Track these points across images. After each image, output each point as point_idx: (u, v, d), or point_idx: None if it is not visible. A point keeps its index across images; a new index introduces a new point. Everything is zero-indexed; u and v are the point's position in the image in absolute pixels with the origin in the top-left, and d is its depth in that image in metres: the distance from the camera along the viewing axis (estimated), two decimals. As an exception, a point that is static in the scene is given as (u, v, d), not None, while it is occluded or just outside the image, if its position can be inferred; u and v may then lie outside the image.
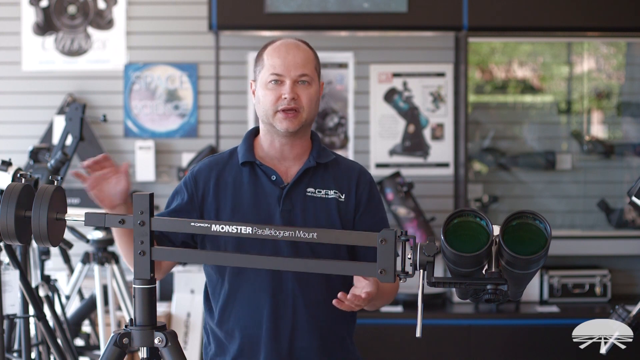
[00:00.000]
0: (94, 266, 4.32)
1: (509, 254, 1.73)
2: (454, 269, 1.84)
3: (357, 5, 4.88)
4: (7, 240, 1.90)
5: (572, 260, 5.22)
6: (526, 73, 5.70)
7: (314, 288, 2.34)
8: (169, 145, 5.26)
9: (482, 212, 1.80)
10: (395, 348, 4.65)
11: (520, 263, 1.75)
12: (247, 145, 2.41)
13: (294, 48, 2.33)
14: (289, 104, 2.29)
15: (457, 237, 1.78)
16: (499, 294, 1.80)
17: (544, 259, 1.77)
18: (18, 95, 5.28)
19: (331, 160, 2.41)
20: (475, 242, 1.77)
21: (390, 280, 1.84)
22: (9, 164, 3.20)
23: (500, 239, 1.74)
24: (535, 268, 1.80)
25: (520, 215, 1.77)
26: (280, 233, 1.88)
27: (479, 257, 1.77)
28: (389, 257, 1.83)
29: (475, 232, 1.78)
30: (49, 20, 5.27)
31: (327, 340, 2.37)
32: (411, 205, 4.96)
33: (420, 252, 1.80)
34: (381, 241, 1.83)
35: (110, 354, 1.91)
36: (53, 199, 1.87)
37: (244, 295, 2.34)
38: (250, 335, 2.34)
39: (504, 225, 1.76)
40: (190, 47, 5.25)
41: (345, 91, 5.26)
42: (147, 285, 1.89)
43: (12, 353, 3.41)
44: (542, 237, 1.76)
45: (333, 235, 1.95)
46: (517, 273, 1.79)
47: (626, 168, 5.60)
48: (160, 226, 1.93)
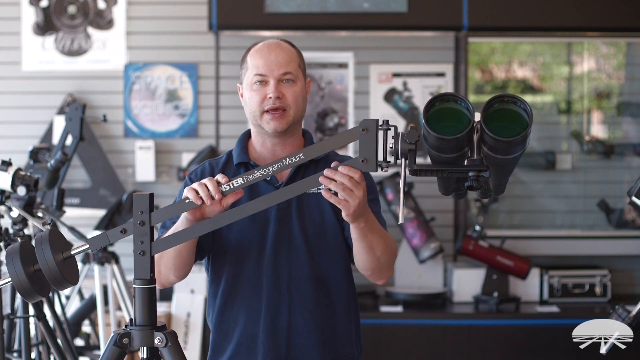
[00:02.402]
0: (94, 266, 4.32)
1: (490, 138, 1.72)
2: (436, 156, 1.83)
3: (357, 5, 4.88)
4: (29, 300, 1.91)
5: (572, 260, 5.22)
6: (526, 73, 5.70)
7: (308, 283, 2.35)
8: (169, 145, 5.26)
9: (463, 96, 1.78)
10: (395, 348, 4.65)
11: (502, 146, 1.74)
12: (241, 147, 2.43)
13: (276, 48, 2.34)
14: (274, 103, 2.30)
15: (439, 121, 1.76)
16: (481, 181, 1.79)
17: (525, 143, 1.75)
18: (18, 95, 5.28)
19: (323, 157, 2.41)
20: (457, 126, 1.75)
21: (372, 169, 1.83)
22: (9, 164, 3.20)
23: (482, 123, 1.73)
24: (517, 153, 1.78)
25: (501, 99, 1.75)
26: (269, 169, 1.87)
27: (460, 141, 1.76)
28: (371, 146, 1.83)
29: (457, 115, 1.76)
30: (49, 20, 5.27)
31: (326, 335, 2.37)
32: (411, 205, 4.96)
33: (402, 141, 1.80)
34: (362, 130, 1.82)
35: (110, 354, 1.91)
36: (52, 242, 1.87)
37: (240, 296, 2.36)
38: (248, 335, 2.35)
39: (485, 109, 1.74)
40: (190, 47, 5.25)
41: (345, 91, 5.26)
42: (147, 285, 1.89)
43: (12, 353, 3.41)
44: (523, 120, 1.75)
45: (318, 147, 1.91)
46: (499, 159, 1.78)
47: (626, 168, 5.60)
48: (159, 218, 1.93)
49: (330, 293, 2.38)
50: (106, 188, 5.20)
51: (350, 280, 2.43)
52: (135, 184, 5.22)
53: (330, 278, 2.37)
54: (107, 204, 5.06)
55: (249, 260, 2.35)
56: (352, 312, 2.44)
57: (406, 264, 5.03)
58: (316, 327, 2.36)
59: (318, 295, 2.36)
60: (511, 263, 4.85)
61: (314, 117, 5.25)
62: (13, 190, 3.20)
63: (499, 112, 1.75)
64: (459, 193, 1.98)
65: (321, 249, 2.36)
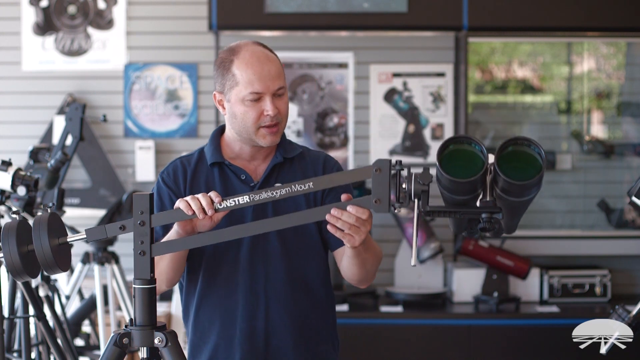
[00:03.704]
0: (94, 266, 4.32)
1: (503, 180, 1.72)
2: (449, 197, 1.82)
3: (357, 5, 4.88)
4: (18, 279, 1.89)
5: (572, 260, 5.22)
6: (526, 73, 5.70)
7: (285, 284, 2.33)
8: (169, 145, 5.26)
9: (477, 139, 1.78)
10: (395, 348, 4.65)
11: (515, 189, 1.73)
12: (214, 146, 2.38)
13: (265, 60, 2.28)
14: (272, 120, 2.27)
15: (452, 163, 1.76)
16: (493, 223, 1.79)
17: (538, 186, 1.75)
18: (18, 95, 5.28)
19: (297, 154, 2.40)
20: (470, 168, 1.75)
21: (384, 209, 1.83)
22: (9, 164, 3.20)
23: (495, 165, 1.73)
24: (529, 196, 1.78)
25: (515, 142, 1.75)
26: (277, 193, 1.86)
27: (474, 183, 1.76)
28: (384, 186, 1.82)
29: (471, 158, 1.77)
30: (49, 20, 5.27)
31: (304, 335, 2.36)
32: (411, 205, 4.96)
33: (415, 181, 1.79)
34: (376, 170, 1.82)
35: (110, 354, 1.91)
36: (50, 226, 1.86)
37: (216, 296, 2.33)
38: (225, 336, 2.34)
39: (499, 152, 1.74)
40: (190, 47, 5.25)
41: (345, 91, 5.26)
42: (147, 285, 1.89)
43: (12, 353, 3.41)
44: (537, 163, 1.74)
45: (327, 179, 1.92)
46: (512, 201, 1.78)
47: (626, 168, 5.60)
48: (160, 221, 1.92)
49: (307, 293, 2.36)
50: (106, 188, 5.20)
51: (327, 278, 2.41)
52: (135, 184, 5.22)
53: (307, 278, 2.36)
54: (107, 204, 5.06)
55: (225, 261, 2.32)
56: (328, 311, 2.43)
57: (406, 264, 5.03)
58: (293, 327, 2.34)
59: (295, 296, 2.34)
60: (511, 263, 4.85)
61: (314, 117, 5.25)
62: (13, 190, 3.20)
63: (513, 153, 1.75)
64: (470, 232, 1.97)
65: (298, 249, 2.34)
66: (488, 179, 1.78)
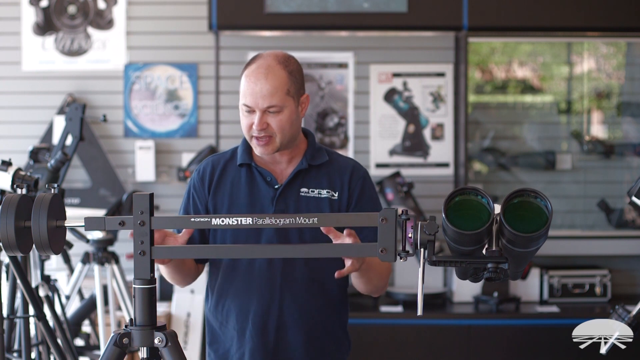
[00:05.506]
0: (94, 266, 4.32)
1: (510, 232, 1.73)
2: (454, 247, 1.84)
3: (357, 5, 4.88)
4: (8, 252, 1.89)
5: (572, 260, 5.22)
6: (526, 73, 5.70)
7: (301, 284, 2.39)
8: (169, 145, 5.26)
9: (483, 191, 1.79)
10: (395, 348, 4.65)
11: (521, 241, 1.74)
12: (245, 147, 2.47)
13: (262, 77, 2.33)
14: (259, 133, 2.35)
15: (459, 215, 1.78)
16: (499, 273, 1.80)
17: (544, 237, 1.76)
18: (18, 95, 5.28)
19: (326, 161, 2.46)
20: (476, 220, 1.77)
21: (391, 259, 1.84)
22: (9, 164, 3.19)
23: (501, 217, 1.74)
24: (536, 246, 1.79)
25: (522, 193, 1.76)
26: (280, 221, 1.88)
27: (480, 235, 1.77)
28: (390, 235, 1.83)
29: (477, 210, 1.78)
30: (49, 20, 5.27)
31: (315, 333, 2.42)
32: (411, 205, 4.96)
33: (420, 231, 1.81)
34: (382, 220, 1.83)
35: (110, 354, 1.91)
36: (51, 207, 1.86)
37: (235, 289, 2.41)
38: (239, 329, 2.42)
39: (505, 203, 1.75)
40: (190, 47, 5.25)
41: (345, 91, 5.26)
42: (147, 285, 1.89)
43: (12, 353, 3.41)
44: (543, 215, 1.75)
45: (333, 218, 1.95)
46: (518, 251, 1.79)
47: (626, 168, 5.60)
48: (160, 224, 1.93)
49: (322, 294, 2.43)
50: (106, 188, 5.20)
51: (343, 281, 2.47)
52: (135, 184, 5.22)
53: (324, 280, 2.42)
54: (107, 204, 5.06)
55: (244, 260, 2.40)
56: (341, 311, 2.50)
57: (406, 264, 5.03)
58: (305, 326, 2.41)
59: (310, 296, 2.41)
60: (511, 263, 4.85)
61: (314, 117, 5.25)
62: (13, 190, 3.20)
63: (519, 204, 1.77)
64: (475, 279, 1.98)
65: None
66: (494, 229, 1.79)
